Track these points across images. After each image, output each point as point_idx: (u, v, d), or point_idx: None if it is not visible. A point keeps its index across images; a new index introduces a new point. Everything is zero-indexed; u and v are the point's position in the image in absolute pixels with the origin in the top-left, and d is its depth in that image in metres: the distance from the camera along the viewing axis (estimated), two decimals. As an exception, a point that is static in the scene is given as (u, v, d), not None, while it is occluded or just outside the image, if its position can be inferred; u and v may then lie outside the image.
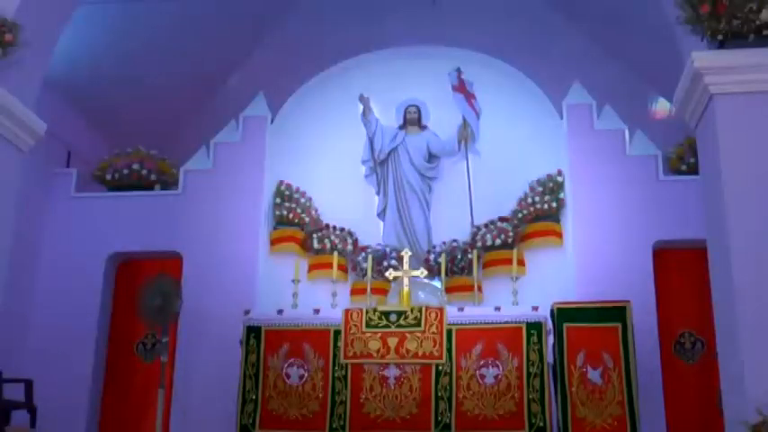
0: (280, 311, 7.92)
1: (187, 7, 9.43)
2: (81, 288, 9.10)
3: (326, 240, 9.38)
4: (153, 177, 9.53)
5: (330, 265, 8.69)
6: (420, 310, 7.65)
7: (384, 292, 8.96)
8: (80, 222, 9.40)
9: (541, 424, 7.10)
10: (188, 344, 8.77)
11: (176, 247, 9.15)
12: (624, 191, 8.75)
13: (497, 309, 7.62)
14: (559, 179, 9.14)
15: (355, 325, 7.67)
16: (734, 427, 5.11)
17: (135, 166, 9.50)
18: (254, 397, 7.64)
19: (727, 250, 5.30)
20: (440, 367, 7.44)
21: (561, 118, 9.32)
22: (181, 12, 9.45)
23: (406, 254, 8.33)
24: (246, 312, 7.97)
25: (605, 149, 8.95)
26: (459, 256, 9.02)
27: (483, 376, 7.36)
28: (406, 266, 8.18)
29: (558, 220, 9.11)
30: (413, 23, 9.99)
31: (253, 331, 7.84)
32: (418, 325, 7.57)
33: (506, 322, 7.51)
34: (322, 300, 8.54)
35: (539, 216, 9.09)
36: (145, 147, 9.64)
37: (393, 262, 8.92)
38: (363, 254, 9.15)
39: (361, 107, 9.77)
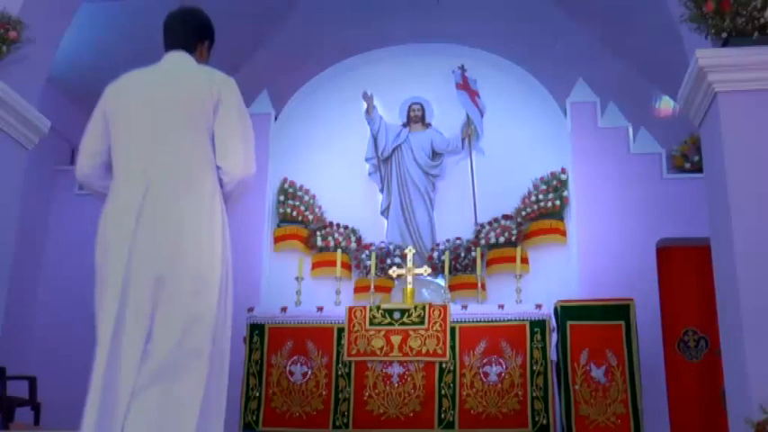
0: (283, 309, 7.92)
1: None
2: (84, 285, 9.10)
3: (330, 238, 9.39)
4: (156, 175, 9.52)
5: (334, 263, 8.69)
6: (424, 308, 7.66)
7: (388, 289, 8.97)
8: (83, 220, 9.41)
9: (545, 422, 7.10)
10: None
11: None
12: (628, 189, 8.74)
13: (501, 307, 7.62)
14: (563, 177, 9.14)
15: (359, 323, 7.68)
16: (738, 425, 5.10)
17: (138, 164, 9.50)
18: (257, 394, 7.65)
19: (731, 248, 5.29)
20: (443, 365, 7.45)
21: (565, 116, 9.32)
22: (184, 10, 9.46)
23: (410, 251, 8.34)
24: (250, 310, 7.98)
25: (609, 147, 8.95)
26: (462, 254, 9.02)
27: (486, 374, 7.37)
28: (409, 264, 8.19)
29: (561, 218, 9.11)
30: (416, 21, 9.98)
31: (256, 329, 7.86)
32: (422, 323, 7.58)
33: (510, 320, 7.51)
34: (325, 297, 8.55)
35: (542, 214, 9.08)
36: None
37: (397, 260, 8.93)
38: (367, 251, 9.15)
39: (364, 105, 9.78)
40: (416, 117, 9.85)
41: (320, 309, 7.90)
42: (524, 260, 8.75)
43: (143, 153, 3.64)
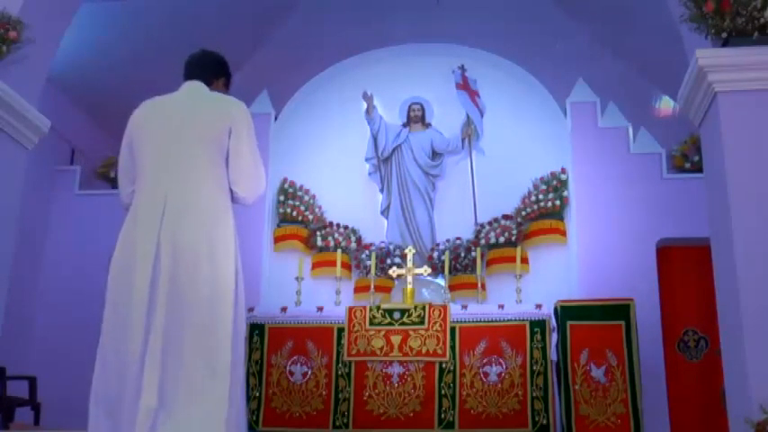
0: (283, 309, 7.92)
1: (190, 6, 9.44)
2: (85, 285, 9.11)
3: (330, 238, 9.39)
4: (156, 175, 9.52)
5: (334, 263, 8.68)
6: (424, 308, 7.65)
7: (388, 289, 8.97)
8: (84, 220, 9.42)
9: (545, 422, 7.09)
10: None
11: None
12: (628, 189, 8.74)
13: (501, 306, 7.61)
14: (563, 177, 9.14)
15: (359, 323, 7.68)
16: (738, 425, 5.10)
17: (139, 164, 9.49)
18: (257, 395, 7.65)
19: (731, 248, 5.30)
20: (443, 365, 7.44)
21: (565, 116, 9.32)
22: (184, 10, 9.47)
23: (410, 251, 8.33)
24: (250, 310, 7.96)
25: (609, 147, 8.95)
26: (462, 254, 9.02)
27: (486, 374, 7.36)
28: (409, 264, 8.18)
29: (561, 218, 9.10)
30: (416, 21, 9.99)
31: (256, 329, 7.85)
32: (422, 323, 7.57)
33: (510, 320, 7.51)
34: (325, 297, 8.55)
35: (542, 214, 9.08)
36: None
37: (397, 260, 8.92)
38: (367, 251, 9.14)
39: (364, 105, 9.77)
40: (416, 117, 9.84)
41: (320, 309, 7.90)
42: (524, 260, 8.75)
43: (162, 172, 3.89)
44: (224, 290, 3.74)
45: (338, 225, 9.56)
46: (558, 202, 9.02)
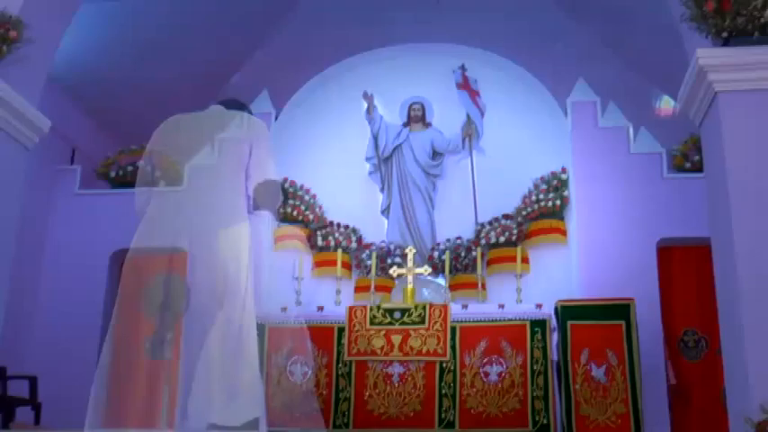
0: (283, 309, 7.91)
1: (190, 6, 9.44)
2: (85, 285, 9.11)
3: (330, 237, 9.39)
4: (157, 174, 9.51)
5: (334, 263, 8.69)
6: (424, 308, 7.65)
7: (388, 289, 8.97)
8: (84, 219, 9.41)
9: (545, 421, 7.10)
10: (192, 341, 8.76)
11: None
12: (628, 188, 8.73)
13: (501, 306, 7.61)
14: (563, 177, 9.14)
15: (359, 322, 7.67)
16: (738, 425, 5.10)
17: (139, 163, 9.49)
18: (257, 394, 7.64)
19: (731, 248, 5.29)
20: (444, 365, 7.44)
21: (565, 115, 9.32)
22: (184, 10, 9.46)
23: (411, 251, 8.34)
24: (250, 309, 7.95)
25: (609, 147, 8.94)
26: (463, 254, 9.02)
27: (487, 374, 7.36)
28: (410, 264, 8.19)
29: (562, 218, 9.11)
30: (417, 21, 9.98)
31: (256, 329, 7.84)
32: (422, 322, 7.57)
33: (510, 320, 7.51)
34: (326, 297, 8.55)
35: (543, 213, 9.08)
36: (149, 144, 9.63)
37: (397, 259, 8.92)
38: (367, 251, 9.14)
39: (365, 104, 9.77)
40: (417, 117, 9.84)
41: (320, 308, 7.90)
42: (525, 260, 8.75)
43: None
44: (237, 284, 3.94)
45: (338, 225, 9.56)
46: (558, 202, 9.02)
